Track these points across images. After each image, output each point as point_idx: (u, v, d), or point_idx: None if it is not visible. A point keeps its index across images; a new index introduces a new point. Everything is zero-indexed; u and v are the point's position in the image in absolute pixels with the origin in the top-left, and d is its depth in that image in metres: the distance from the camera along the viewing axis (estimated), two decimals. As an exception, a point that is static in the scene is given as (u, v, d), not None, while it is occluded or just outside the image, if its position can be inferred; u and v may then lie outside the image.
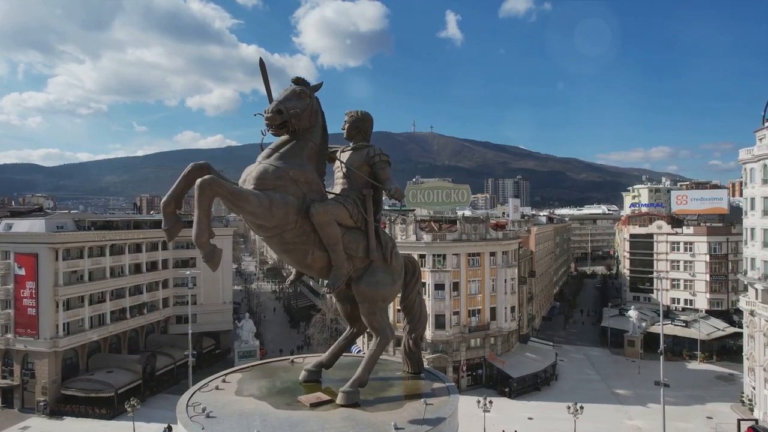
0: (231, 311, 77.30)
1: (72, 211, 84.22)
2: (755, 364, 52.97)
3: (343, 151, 13.11)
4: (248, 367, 14.84)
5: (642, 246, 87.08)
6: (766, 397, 50.99)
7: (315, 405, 11.28)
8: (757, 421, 50.00)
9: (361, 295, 12.24)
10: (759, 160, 52.16)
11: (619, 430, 49.93)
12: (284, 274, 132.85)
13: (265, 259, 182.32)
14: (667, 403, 54.32)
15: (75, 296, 58.29)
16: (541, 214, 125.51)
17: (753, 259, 53.47)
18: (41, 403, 53.75)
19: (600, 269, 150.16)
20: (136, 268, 67.03)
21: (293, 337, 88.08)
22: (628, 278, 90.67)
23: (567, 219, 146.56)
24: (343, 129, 13.24)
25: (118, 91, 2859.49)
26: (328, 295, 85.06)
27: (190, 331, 44.71)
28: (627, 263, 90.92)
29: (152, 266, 69.53)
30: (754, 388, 53.60)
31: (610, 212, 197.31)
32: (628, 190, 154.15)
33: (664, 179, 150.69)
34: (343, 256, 11.69)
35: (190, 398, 12.03)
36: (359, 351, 64.66)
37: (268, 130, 11.24)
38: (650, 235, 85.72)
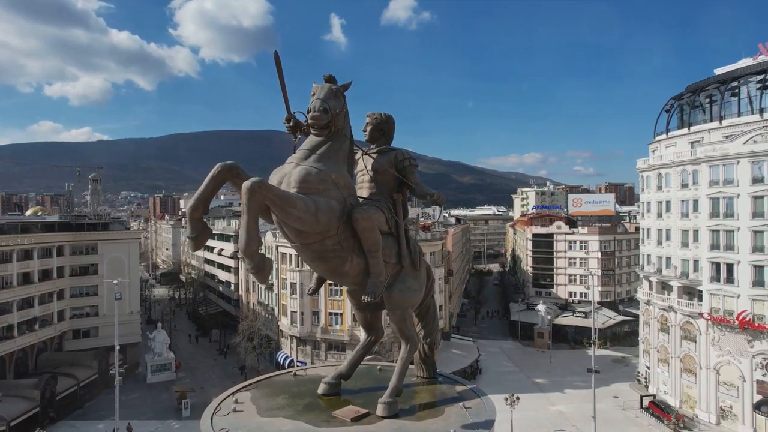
0: (138, 322, 70.09)
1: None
2: (650, 346, 60.67)
3: (365, 154, 12.67)
4: (251, 384, 13.71)
5: (543, 245, 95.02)
6: (659, 375, 58.74)
7: (355, 419, 10.45)
8: (654, 395, 57.38)
9: (393, 303, 11.65)
10: (653, 170, 59.71)
11: (546, 416, 53.99)
12: (182, 279, 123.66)
13: (157, 263, 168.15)
14: (579, 387, 60.32)
15: (-52, 314, 49.03)
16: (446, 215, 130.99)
17: (648, 256, 61.00)
18: None
19: (495, 267, 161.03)
20: (26, 278, 57.96)
21: (205, 346, 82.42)
22: (531, 275, 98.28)
23: (466, 220, 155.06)
24: (365, 131, 12.81)
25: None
26: (243, 301, 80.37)
27: (117, 346, 39.64)
28: (530, 261, 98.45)
29: (45, 275, 60.53)
30: (648, 368, 61.37)
31: (500, 213, 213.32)
32: (517, 193, 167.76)
33: (548, 183, 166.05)
34: (382, 263, 11.27)
35: (211, 422, 10.66)
36: (289, 359, 62.12)
37: (308, 130, 10.50)
38: (550, 235, 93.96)
